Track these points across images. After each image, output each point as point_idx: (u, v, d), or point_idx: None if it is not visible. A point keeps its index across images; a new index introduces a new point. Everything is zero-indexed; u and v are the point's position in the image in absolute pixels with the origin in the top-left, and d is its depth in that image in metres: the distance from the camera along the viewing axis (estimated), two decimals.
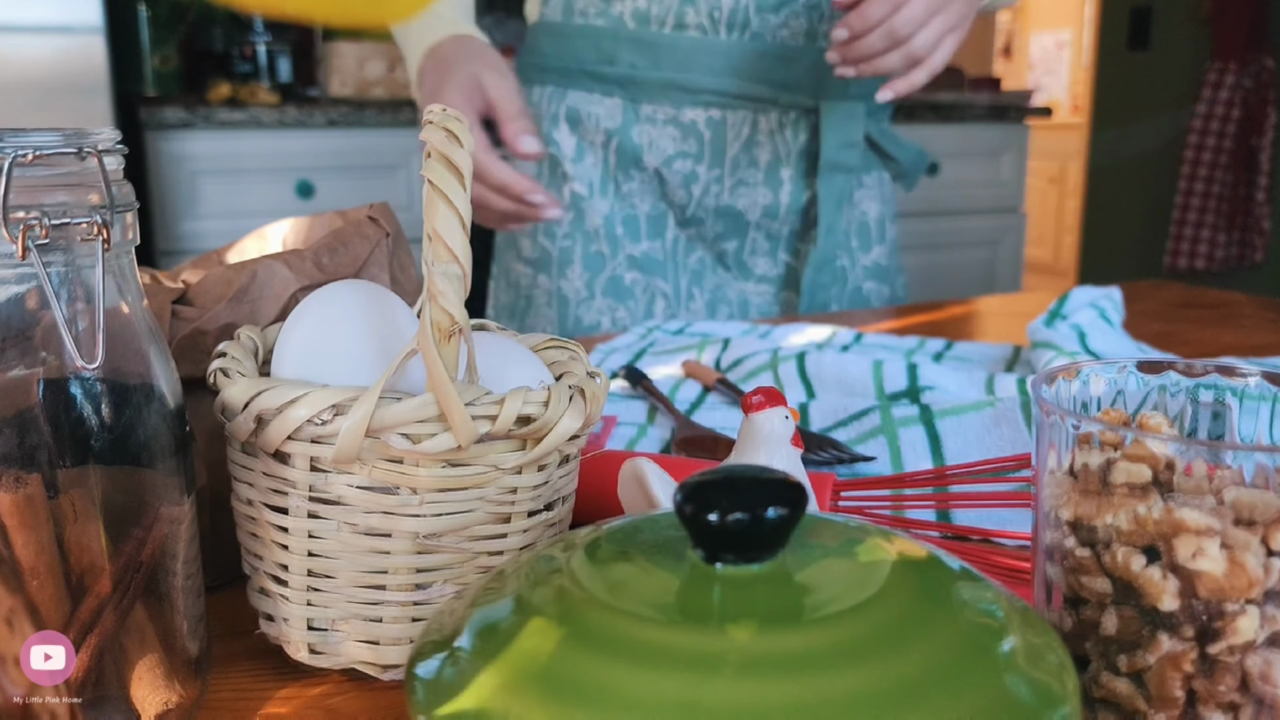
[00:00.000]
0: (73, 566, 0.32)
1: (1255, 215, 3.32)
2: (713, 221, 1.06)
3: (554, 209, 0.85)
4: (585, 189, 1.05)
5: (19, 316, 0.31)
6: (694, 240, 1.08)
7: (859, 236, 1.10)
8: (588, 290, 1.06)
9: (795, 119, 1.03)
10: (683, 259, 1.08)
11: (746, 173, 1.04)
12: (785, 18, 0.97)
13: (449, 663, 0.27)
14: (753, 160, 1.04)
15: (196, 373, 0.43)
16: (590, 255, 1.06)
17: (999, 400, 0.63)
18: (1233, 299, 1.10)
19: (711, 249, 1.08)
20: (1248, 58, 3.27)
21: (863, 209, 1.10)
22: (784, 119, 1.03)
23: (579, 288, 1.06)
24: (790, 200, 1.05)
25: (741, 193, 1.05)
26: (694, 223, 1.06)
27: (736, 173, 1.04)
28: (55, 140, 0.31)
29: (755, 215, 1.06)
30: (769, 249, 1.09)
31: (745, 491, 0.28)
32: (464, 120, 0.36)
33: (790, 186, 1.05)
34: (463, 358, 0.37)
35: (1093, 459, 0.31)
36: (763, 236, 1.08)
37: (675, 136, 1.02)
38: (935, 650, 0.25)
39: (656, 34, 0.99)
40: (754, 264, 1.09)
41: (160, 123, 2.25)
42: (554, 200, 0.85)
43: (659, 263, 1.07)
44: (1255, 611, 0.28)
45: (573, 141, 1.05)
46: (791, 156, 1.05)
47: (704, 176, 1.04)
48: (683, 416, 0.66)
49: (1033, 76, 5.97)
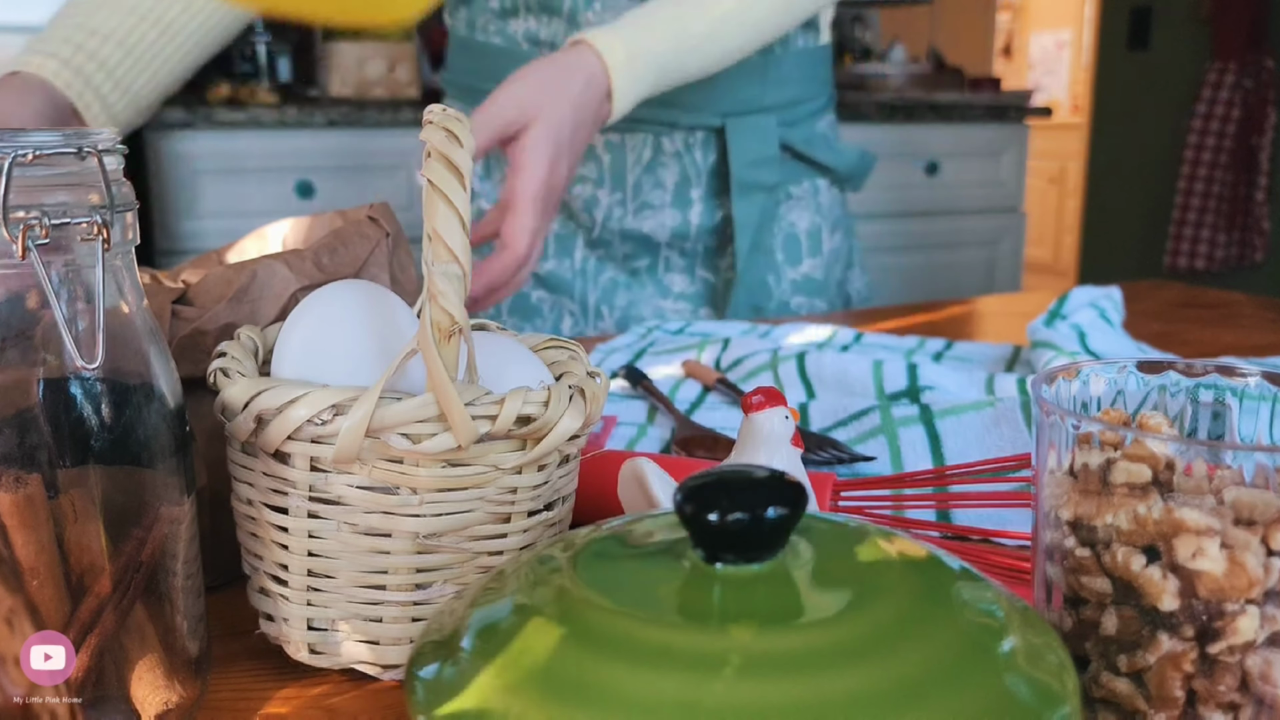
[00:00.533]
0: (73, 566, 0.32)
1: (1255, 215, 3.32)
2: (620, 243, 1.03)
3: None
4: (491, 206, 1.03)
5: (19, 316, 0.31)
6: (604, 260, 1.05)
7: (786, 250, 1.06)
8: (494, 308, 1.04)
9: (703, 139, 1.00)
10: (593, 277, 1.05)
11: (652, 195, 1.00)
12: None
13: (449, 663, 0.27)
14: (658, 182, 1.00)
15: (196, 373, 0.43)
16: None
17: (999, 400, 0.63)
18: (1233, 299, 1.10)
19: (623, 267, 1.05)
20: (1248, 58, 3.27)
21: (790, 220, 1.06)
22: (689, 139, 0.99)
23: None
24: (701, 220, 1.02)
25: (647, 215, 1.01)
26: (601, 244, 1.03)
27: (640, 196, 1.00)
28: (55, 140, 0.31)
29: (664, 237, 1.02)
30: (685, 265, 1.05)
31: (745, 491, 0.28)
32: (464, 120, 0.36)
33: (701, 207, 1.02)
34: (463, 358, 0.37)
35: (1093, 459, 0.31)
36: (676, 254, 1.04)
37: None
38: (935, 650, 0.25)
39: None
40: (670, 281, 1.06)
41: (160, 122, 2.25)
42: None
43: (566, 281, 1.04)
44: (1255, 611, 0.28)
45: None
46: (701, 176, 1.01)
47: (605, 200, 1.00)
48: (683, 416, 0.66)
49: (1033, 76, 5.97)
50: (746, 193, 1.00)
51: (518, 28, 0.97)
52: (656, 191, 1.01)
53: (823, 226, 1.08)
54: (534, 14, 0.96)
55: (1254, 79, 3.27)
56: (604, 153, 0.99)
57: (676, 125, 0.98)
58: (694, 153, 1.00)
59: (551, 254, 1.04)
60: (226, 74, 2.67)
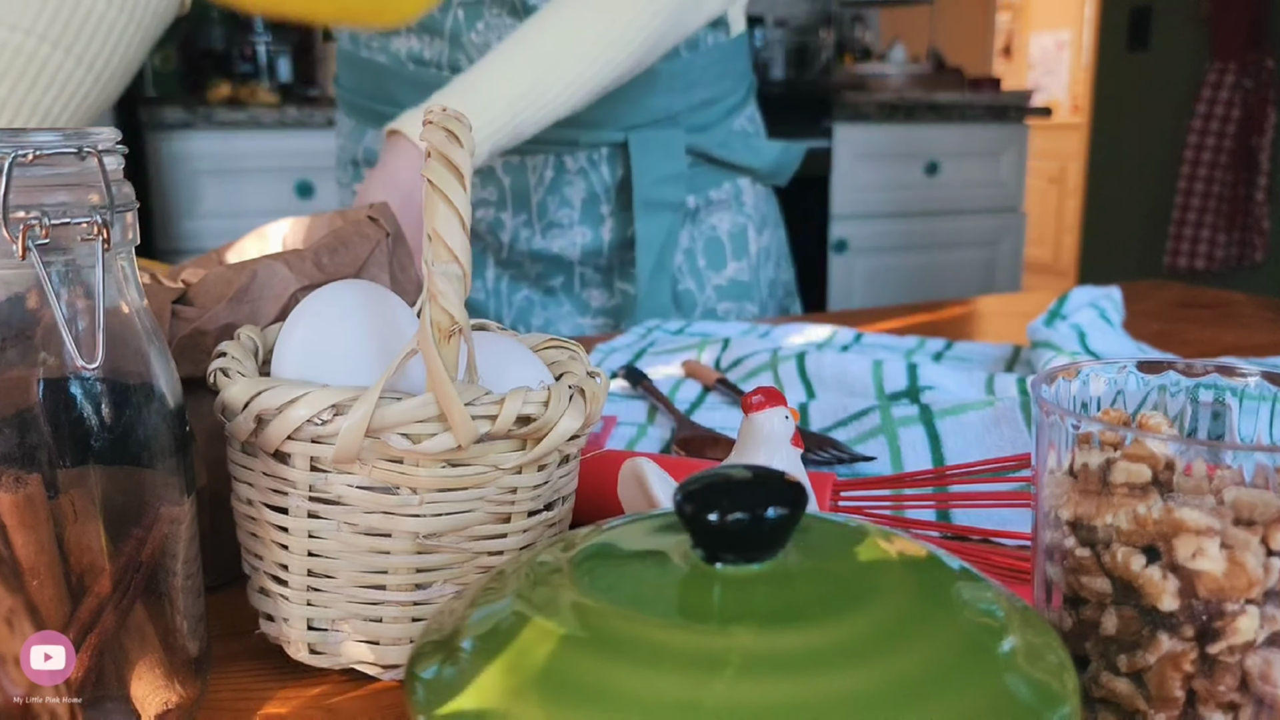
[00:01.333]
0: (73, 566, 0.32)
1: (1255, 215, 3.32)
2: (530, 264, 1.00)
3: None
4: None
5: (19, 316, 0.31)
6: (516, 279, 1.01)
7: (708, 255, 1.02)
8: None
9: (608, 154, 0.96)
10: (506, 297, 1.02)
11: (559, 214, 0.97)
12: None
13: (449, 663, 0.27)
14: (565, 201, 0.97)
15: (196, 373, 0.43)
16: None
17: (999, 400, 0.63)
18: (1233, 299, 1.10)
19: (538, 286, 1.02)
20: (1248, 58, 3.27)
21: (710, 224, 1.02)
22: (594, 155, 0.96)
23: None
24: (613, 236, 0.99)
25: (555, 235, 0.98)
26: (512, 264, 1.00)
27: (546, 215, 0.97)
28: (55, 140, 0.31)
29: (576, 255, 0.99)
30: (601, 280, 1.02)
31: (745, 491, 0.28)
32: (464, 120, 0.36)
33: (612, 222, 0.98)
34: (463, 358, 0.37)
35: (1093, 459, 0.31)
36: (591, 270, 1.01)
37: (475, 182, 0.96)
38: (935, 650, 0.25)
39: (435, 76, 0.92)
40: (588, 296, 1.02)
41: (160, 123, 2.25)
42: None
43: (480, 303, 1.01)
44: (1255, 611, 0.28)
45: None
46: (610, 192, 0.97)
47: (510, 223, 0.97)
48: (683, 416, 0.66)
49: (1033, 76, 5.97)
50: (650, 211, 0.96)
51: (401, 46, 0.94)
52: (564, 210, 0.97)
53: (748, 226, 1.04)
54: (415, 33, 0.93)
55: (1254, 79, 3.27)
56: (504, 175, 0.95)
57: (578, 144, 0.95)
58: (600, 169, 0.96)
59: None
60: (226, 74, 2.67)
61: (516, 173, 0.95)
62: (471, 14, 0.90)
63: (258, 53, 2.76)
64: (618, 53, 0.80)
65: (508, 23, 0.90)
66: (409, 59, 0.94)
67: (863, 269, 2.85)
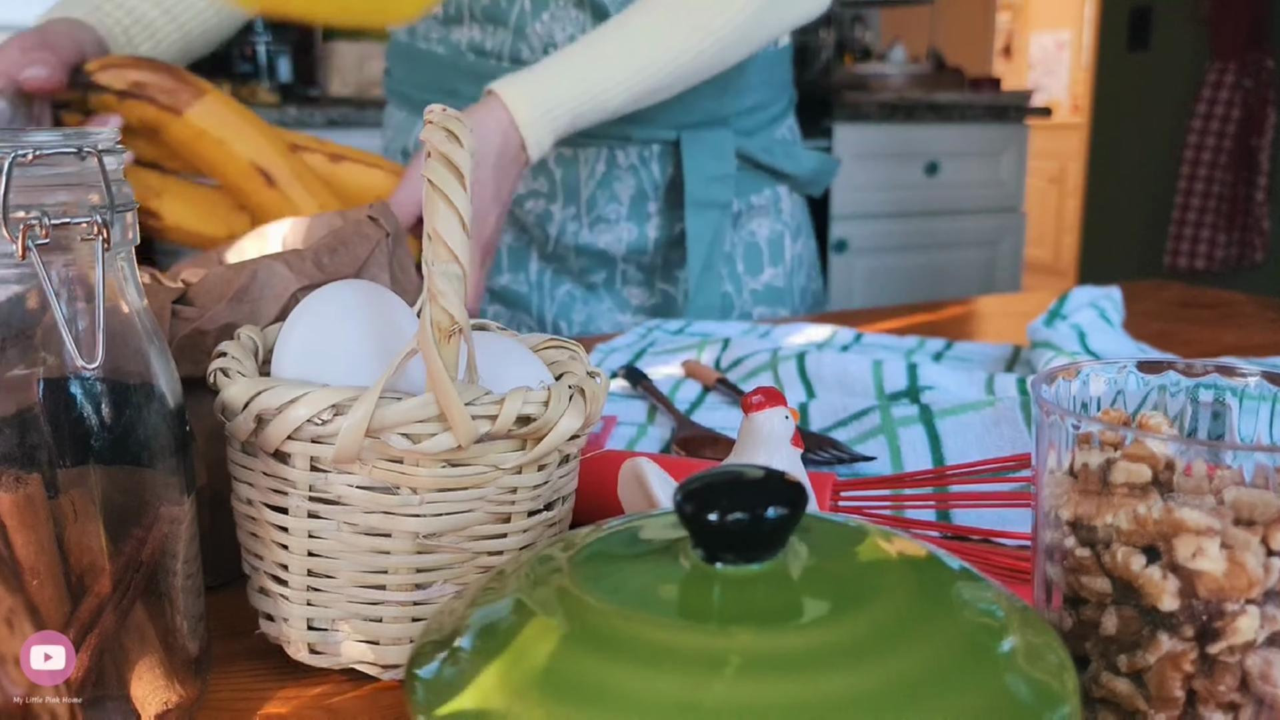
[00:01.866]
0: (73, 566, 0.32)
1: (1255, 215, 3.32)
2: (575, 258, 1.01)
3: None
4: None
5: (19, 316, 0.31)
6: (560, 273, 1.02)
7: (746, 260, 1.04)
8: None
9: (659, 151, 0.98)
10: (549, 290, 1.02)
11: (607, 209, 0.98)
12: None
13: (449, 663, 0.27)
14: (613, 196, 0.98)
15: (196, 373, 0.43)
16: None
17: (999, 400, 0.63)
18: (1233, 299, 1.10)
19: (580, 281, 1.03)
20: (1248, 58, 3.27)
21: (750, 229, 1.04)
22: (645, 152, 0.97)
23: None
24: (659, 234, 1.00)
25: (602, 230, 0.99)
26: (556, 258, 1.01)
27: (594, 210, 0.98)
28: (55, 140, 0.31)
29: (620, 251, 1.00)
30: (643, 279, 1.03)
31: (745, 491, 0.28)
32: (464, 120, 0.36)
33: (658, 220, 1.00)
34: (463, 357, 0.37)
35: (1093, 459, 0.31)
36: (633, 268, 1.02)
37: (525, 175, 0.96)
38: (935, 650, 0.25)
39: (495, 67, 0.93)
40: (629, 294, 1.04)
41: None
42: None
43: (522, 295, 1.02)
44: (1255, 611, 0.28)
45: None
46: (658, 190, 0.99)
47: (558, 215, 0.98)
48: (683, 416, 0.66)
49: (1033, 76, 5.97)
50: (701, 210, 0.98)
51: (461, 37, 0.95)
52: (612, 206, 0.98)
53: (785, 234, 1.06)
54: (479, 23, 0.94)
55: (1254, 79, 3.27)
56: (555, 166, 0.97)
57: (630, 139, 0.96)
58: (650, 166, 0.98)
59: (506, 268, 1.02)
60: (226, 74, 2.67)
61: (568, 165, 0.97)
62: (538, 5, 0.91)
63: (258, 52, 2.76)
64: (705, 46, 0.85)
65: (573, 14, 0.91)
66: (469, 49, 0.95)
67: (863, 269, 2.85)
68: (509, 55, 0.93)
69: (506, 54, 0.93)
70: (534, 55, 0.92)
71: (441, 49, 0.97)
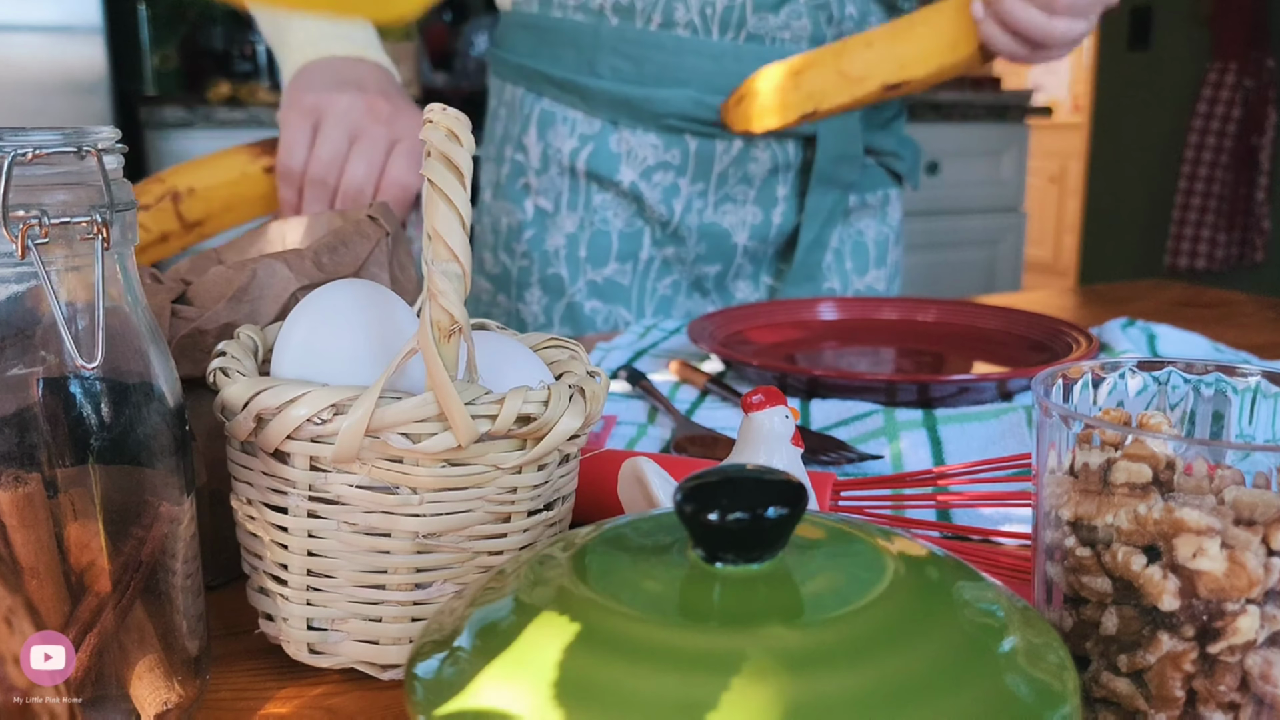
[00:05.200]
0: (72, 566, 0.32)
1: (1255, 215, 3.32)
2: (695, 241, 0.99)
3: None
4: (550, 203, 0.98)
5: (19, 316, 0.31)
6: (671, 262, 1.00)
7: (854, 258, 1.04)
8: (545, 316, 1.00)
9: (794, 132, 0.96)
10: (653, 283, 1.00)
11: (736, 189, 0.97)
12: (786, 18, 0.90)
13: (449, 663, 0.27)
14: (744, 175, 0.97)
15: (196, 372, 0.43)
16: (548, 278, 0.99)
17: (1007, 413, 0.63)
18: (1233, 299, 1.10)
19: (689, 272, 1.01)
20: (1248, 58, 3.27)
21: (858, 228, 1.04)
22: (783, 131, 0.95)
23: (536, 313, 1.00)
24: (783, 220, 0.99)
25: (727, 210, 0.98)
26: (674, 241, 0.99)
27: (723, 188, 0.97)
28: (55, 139, 0.31)
29: (743, 236, 0.99)
30: (751, 271, 1.02)
31: (745, 491, 0.28)
32: (465, 120, 0.36)
33: (784, 206, 0.99)
34: (462, 357, 0.37)
35: (1093, 458, 0.31)
36: (747, 260, 1.02)
37: (657, 145, 0.95)
38: (935, 650, 0.25)
39: (641, 32, 0.91)
40: (735, 288, 1.03)
41: (160, 122, 2.25)
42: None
43: (623, 289, 1.00)
44: (1255, 611, 0.28)
45: (539, 149, 0.97)
46: (791, 171, 0.98)
47: (685, 190, 0.96)
48: (683, 416, 0.66)
49: (1033, 76, 5.96)
50: (824, 187, 0.98)
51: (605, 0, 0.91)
52: (741, 187, 0.97)
53: (890, 237, 1.07)
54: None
55: (1254, 79, 3.27)
56: (692, 140, 0.94)
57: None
58: (786, 146, 0.96)
59: (613, 255, 0.99)
60: (226, 73, 2.67)
61: (705, 140, 0.95)
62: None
63: (258, 52, 2.76)
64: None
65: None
66: (614, 12, 0.91)
67: None
68: (661, 17, 0.90)
69: (658, 15, 0.90)
70: (689, 14, 0.89)
71: (580, 16, 0.93)
